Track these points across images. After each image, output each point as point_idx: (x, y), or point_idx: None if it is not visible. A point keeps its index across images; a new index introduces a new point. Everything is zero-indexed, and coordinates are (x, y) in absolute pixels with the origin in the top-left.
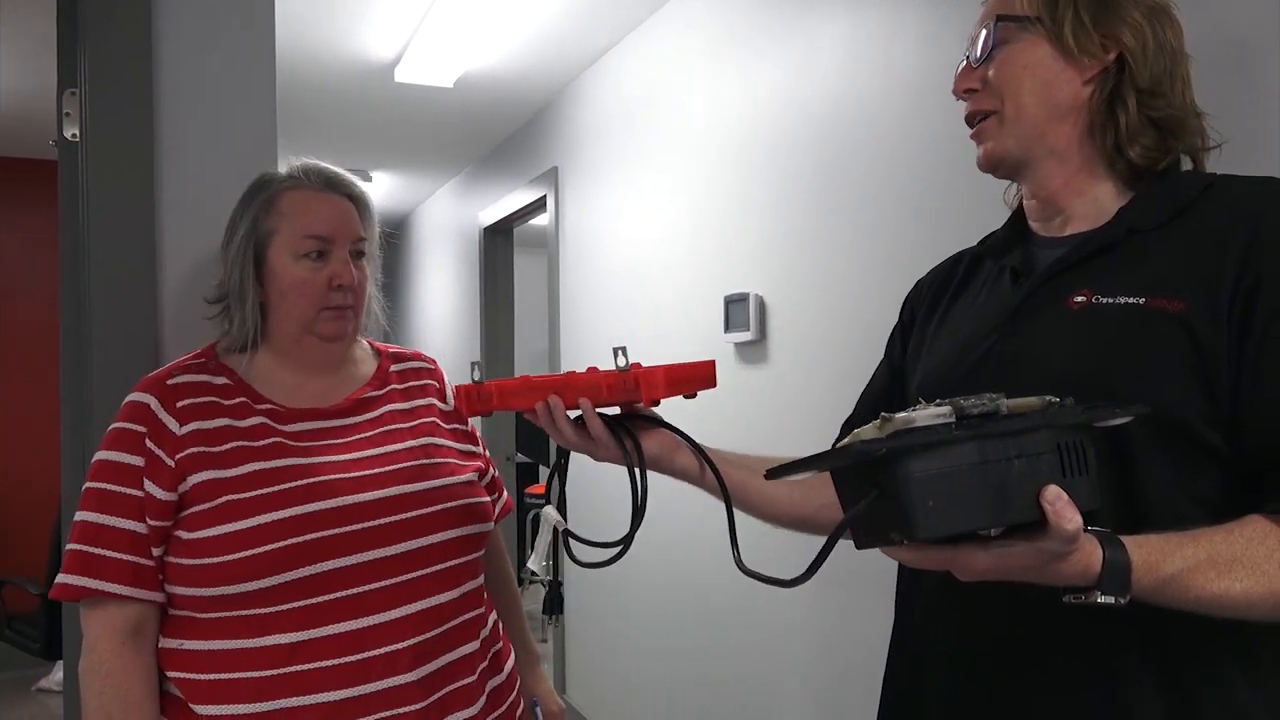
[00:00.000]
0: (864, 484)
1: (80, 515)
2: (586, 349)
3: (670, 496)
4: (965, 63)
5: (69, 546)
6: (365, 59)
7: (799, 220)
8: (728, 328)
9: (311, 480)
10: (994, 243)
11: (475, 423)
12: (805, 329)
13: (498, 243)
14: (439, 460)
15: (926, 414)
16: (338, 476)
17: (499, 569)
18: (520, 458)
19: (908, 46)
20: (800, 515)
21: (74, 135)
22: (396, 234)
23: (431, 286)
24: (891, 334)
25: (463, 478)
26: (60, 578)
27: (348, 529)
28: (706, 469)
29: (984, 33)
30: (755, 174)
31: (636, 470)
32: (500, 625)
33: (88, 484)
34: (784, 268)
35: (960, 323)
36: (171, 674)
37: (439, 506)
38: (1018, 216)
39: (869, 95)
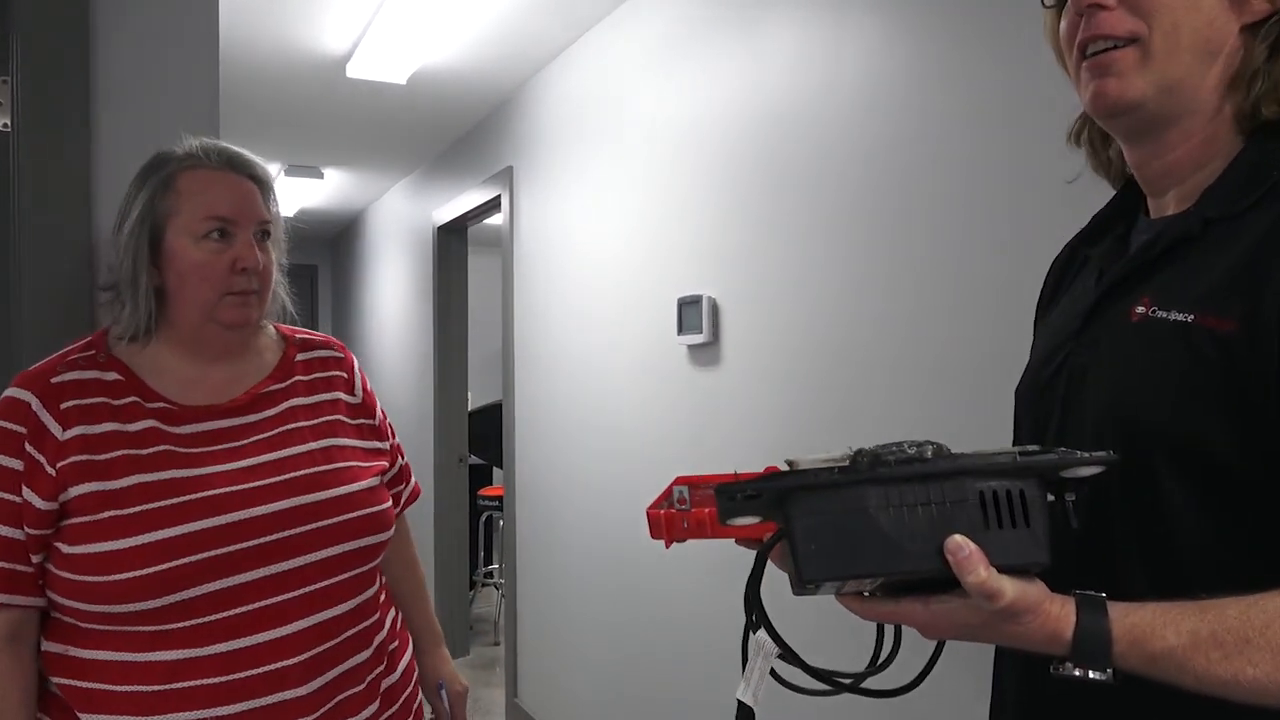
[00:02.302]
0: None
1: None
2: (541, 351)
3: (623, 502)
4: None
5: None
6: (317, 53)
7: (750, 223)
8: (681, 330)
9: (198, 495)
10: (1092, 224)
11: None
12: (757, 331)
13: (451, 242)
14: (339, 465)
15: (817, 456)
16: (226, 490)
17: (402, 554)
18: (473, 459)
19: (854, 51)
20: None
21: (5, 125)
22: (347, 232)
23: (384, 286)
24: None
25: (363, 484)
26: None
27: (235, 547)
28: None
29: None
30: (708, 176)
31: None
32: (398, 621)
33: None
34: (736, 270)
35: (1054, 322)
36: (55, 679)
37: (336, 519)
38: (1128, 187)
39: (816, 101)
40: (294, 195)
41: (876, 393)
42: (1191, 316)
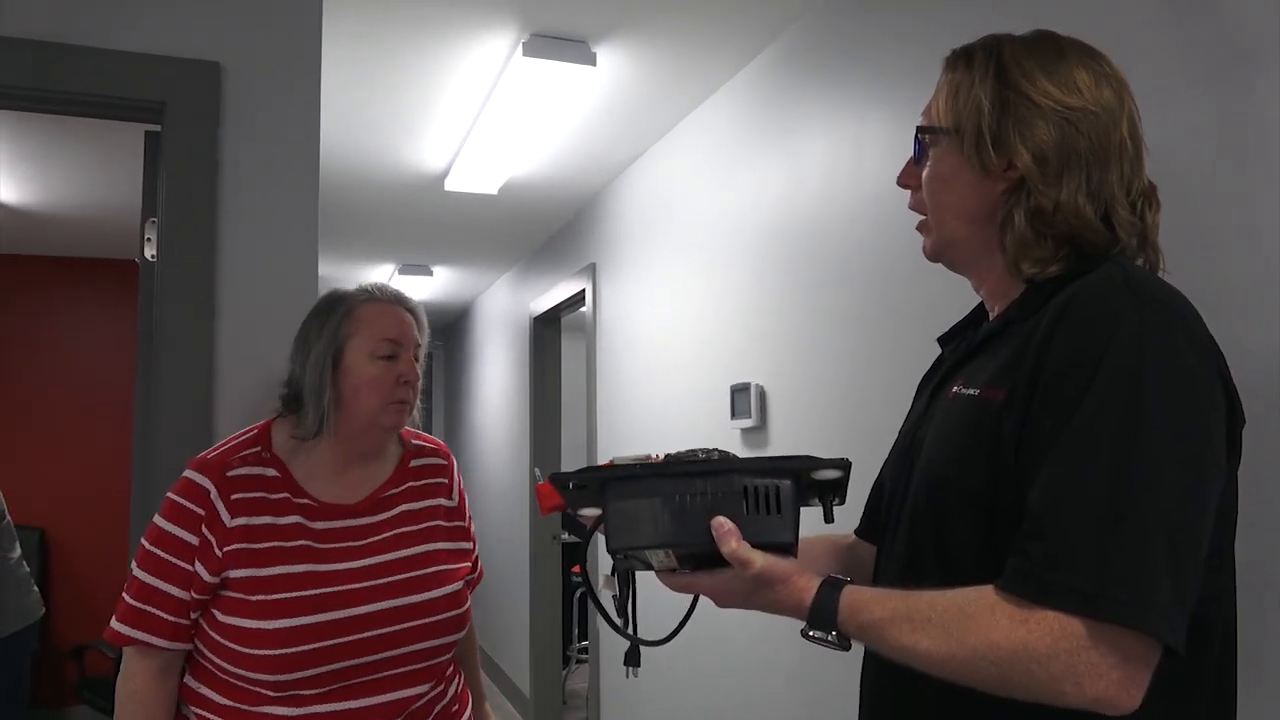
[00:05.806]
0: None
1: (138, 573)
2: (620, 432)
3: None
4: (911, 155)
5: (125, 598)
6: (419, 171)
7: (791, 315)
8: (733, 414)
9: (328, 590)
10: (950, 330)
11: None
12: (799, 416)
13: (545, 331)
14: (435, 569)
15: (630, 455)
16: (350, 587)
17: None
18: (565, 537)
19: (873, 154)
20: None
21: (153, 256)
22: (459, 322)
23: (489, 370)
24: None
25: (451, 588)
26: (114, 624)
27: (352, 637)
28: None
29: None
30: (755, 274)
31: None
32: (461, 685)
33: (149, 546)
34: (779, 359)
35: (915, 407)
36: (192, 708)
37: (428, 619)
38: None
39: (844, 200)
40: (409, 290)
41: None
42: (978, 391)
